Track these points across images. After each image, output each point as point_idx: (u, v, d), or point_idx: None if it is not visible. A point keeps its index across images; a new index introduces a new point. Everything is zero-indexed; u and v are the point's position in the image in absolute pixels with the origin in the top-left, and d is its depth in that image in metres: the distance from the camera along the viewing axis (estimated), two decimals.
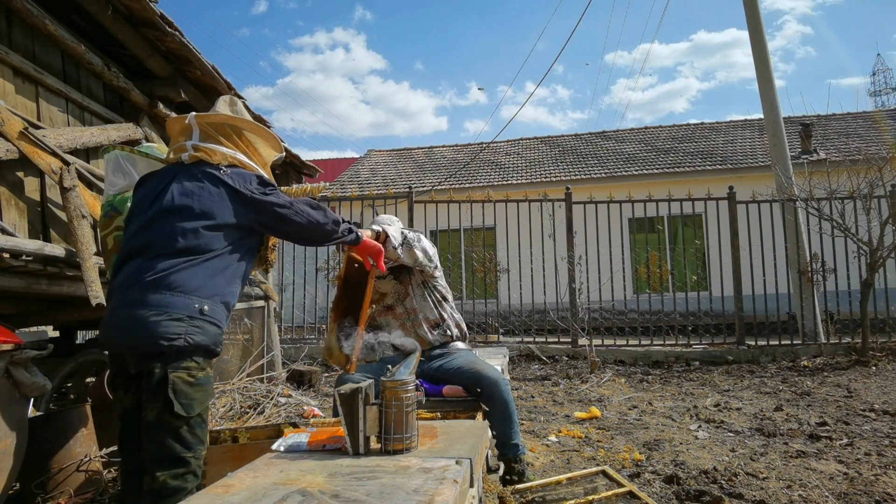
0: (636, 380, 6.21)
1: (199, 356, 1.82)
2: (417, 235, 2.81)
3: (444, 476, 1.41)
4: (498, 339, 7.81)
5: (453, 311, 2.99)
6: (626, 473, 3.02)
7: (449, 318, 2.93)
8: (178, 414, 1.73)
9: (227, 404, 4.06)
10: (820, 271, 7.73)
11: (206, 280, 1.85)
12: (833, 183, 7.35)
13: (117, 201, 2.53)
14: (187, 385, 1.76)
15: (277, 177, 6.50)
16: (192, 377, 1.78)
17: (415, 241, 2.71)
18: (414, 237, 2.75)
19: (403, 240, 2.66)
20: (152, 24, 3.68)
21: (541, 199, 8.22)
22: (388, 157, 16.30)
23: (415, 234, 2.79)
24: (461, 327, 2.99)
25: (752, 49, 8.73)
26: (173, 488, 1.71)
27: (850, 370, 6.29)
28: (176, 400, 1.72)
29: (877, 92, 35.86)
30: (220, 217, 1.91)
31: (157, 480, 1.71)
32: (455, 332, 2.92)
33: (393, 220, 3.01)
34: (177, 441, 1.74)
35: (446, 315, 2.92)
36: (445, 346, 2.87)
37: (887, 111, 15.21)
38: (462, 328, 2.99)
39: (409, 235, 2.72)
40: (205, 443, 1.82)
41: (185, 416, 1.74)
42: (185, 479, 1.74)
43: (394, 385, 1.68)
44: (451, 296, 3.06)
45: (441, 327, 2.89)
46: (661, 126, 15.60)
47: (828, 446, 3.47)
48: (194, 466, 1.77)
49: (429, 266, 2.84)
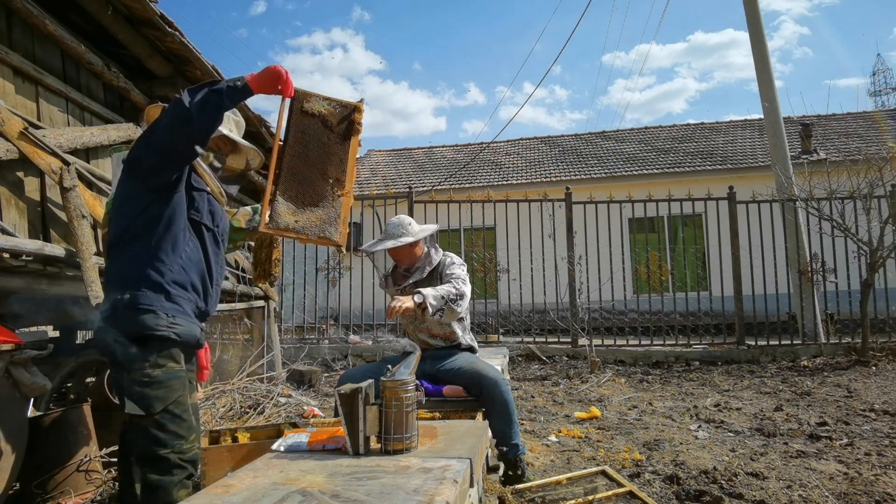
0: (636, 380, 6.21)
1: (151, 351, 1.74)
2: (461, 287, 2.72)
3: (444, 476, 1.41)
4: (498, 339, 7.81)
5: (467, 330, 3.01)
6: (626, 473, 3.02)
7: (462, 335, 2.95)
8: (139, 413, 1.70)
9: (227, 404, 4.06)
10: (820, 271, 7.72)
11: (124, 269, 1.81)
12: (833, 183, 7.35)
13: None
14: (140, 385, 1.71)
15: None
16: (147, 376, 1.72)
17: (457, 299, 2.66)
18: (456, 294, 2.66)
19: (443, 304, 2.61)
20: (152, 24, 3.68)
21: (541, 199, 8.22)
22: (388, 157, 16.30)
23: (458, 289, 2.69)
24: (472, 345, 3.01)
25: (752, 49, 8.73)
26: (157, 483, 1.71)
27: (850, 370, 6.29)
28: (130, 400, 1.70)
29: (877, 92, 35.85)
30: (122, 200, 1.87)
31: (141, 478, 1.71)
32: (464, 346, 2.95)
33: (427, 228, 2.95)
34: (147, 439, 1.72)
35: (461, 332, 2.95)
36: (447, 350, 2.88)
37: (887, 111, 15.21)
38: (473, 345, 3.02)
39: (451, 294, 2.64)
40: (184, 436, 1.77)
41: (146, 414, 1.70)
42: (169, 473, 1.73)
43: (394, 385, 1.68)
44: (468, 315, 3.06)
45: (450, 339, 2.92)
46: (661, 126, 15.60)
47: (828, 446, 3.47)
48: (175, 460, 1.74)
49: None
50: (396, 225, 2.87)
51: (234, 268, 5.47)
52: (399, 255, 2.92)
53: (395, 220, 2.89)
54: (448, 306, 2.62)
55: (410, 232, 2.87)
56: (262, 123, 5.23)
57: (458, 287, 2.71)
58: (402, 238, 2.83)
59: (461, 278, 2.80)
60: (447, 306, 2.62)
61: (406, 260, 2.92)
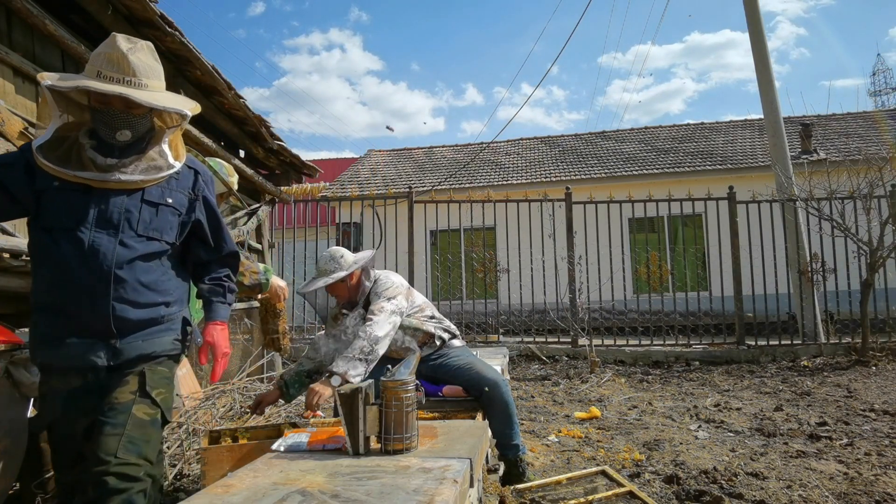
0: (636, 380, 6.21)
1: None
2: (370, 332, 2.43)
3: (444, 476, 1.41)
4: (498, 339, 7.81)
5: (438, 322, 2.86)
6: (626, 473, 3.02)
7: (435, 329, 2.80)
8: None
9: (227, 404, 4.06)
10: (820, 271, 7.73)
11: None
12: (833, 183, 7.34)
13: None
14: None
15: (277, 176, 6.50)
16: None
17: (372, 347, 2.41)
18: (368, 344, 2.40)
19: (366, 364, 2.37)
20: (152, 23, 3.68)
21: (541, 199, 8.22)
22: (388, 157, 16.30)
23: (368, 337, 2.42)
24: (449, 329, 2.88)
25: (752, 49, 8.73)
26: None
27: (850, 370, 6.29)
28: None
29: (877, 92, 35.90)
30: None
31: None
32: (445, 336, 2.83)
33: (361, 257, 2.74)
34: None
35: (431, 330, 2.78)
36: (440, 350, 2.82)
37: (887, 111, 15.20)
38: (451, 329, 2.89)
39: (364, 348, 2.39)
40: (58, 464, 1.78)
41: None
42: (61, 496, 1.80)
43: (394, 385, 1.68)
44: (430, 308, 2.89)
45: (429, 343, 2.79)
46: (661, 126, 15.59)
47: (828, 446, 3.47)
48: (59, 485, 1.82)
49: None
50: (328, 259, 2.68)
51: None
52: (336, 292, 2.74)
53: (326, 254, 2.70)
54: (369, 359, 2.38)
55: (343, 265, 2.66)
56: (262, 123, 5.24)
57: (368, 333, 2.43)
58: (334, 274, 2.63)
59: (374, 316, 2.52)
60: (369, 360, 2.38)
61: (344, 295, 2.74)
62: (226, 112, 4.97)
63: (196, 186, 1.83)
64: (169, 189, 1.75)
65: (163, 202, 1.72)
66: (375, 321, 2.50)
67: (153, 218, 1.70)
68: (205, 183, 1.87)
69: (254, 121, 5.12)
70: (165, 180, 1.74)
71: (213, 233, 1.89)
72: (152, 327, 1.71)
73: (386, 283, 2.72)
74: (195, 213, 1.82)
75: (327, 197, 10.19)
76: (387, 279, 2.76)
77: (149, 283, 1.68)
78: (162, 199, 1.72)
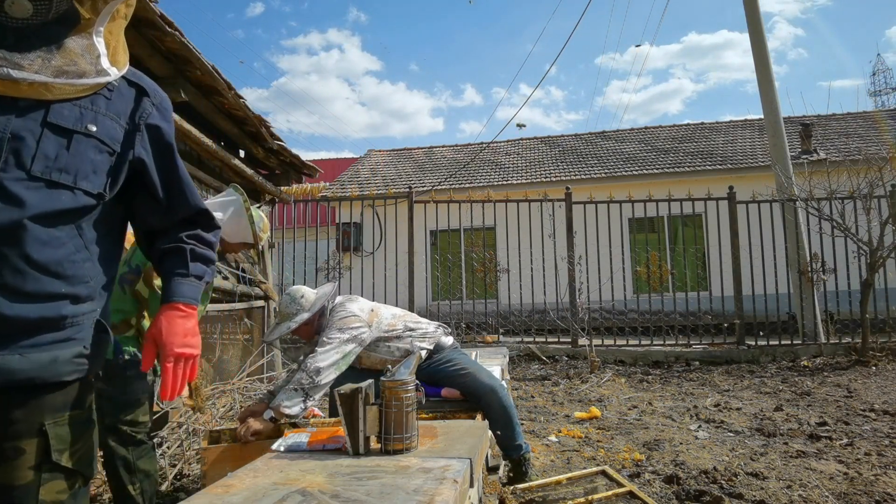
0: (636, 380, 6.21)
1: None
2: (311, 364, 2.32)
3: (444, 476, 1.41)
4: (498, 339, 7.81)
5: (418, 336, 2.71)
6: (626, 473, 3.02)
7: (419, 339, 2.70)
8: None
9: (227, 404, 4.06)
10: (820, 271, 7.73)
11: None
12: (833, 183, 7.35)
13: None
14: None
15: (277, 176, 6.50)
16: None
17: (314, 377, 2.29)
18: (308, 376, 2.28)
19: (304, 395, 2.26)
20: (152, 23, 3.68)
21: (541, 199, 8.22)
22: (388, 157, 16.30)
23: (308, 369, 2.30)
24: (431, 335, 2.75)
25: (752, 49, 8.73)
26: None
27: (850, 370, 6.29)
28: None
29: (877, 92, 35.92)
30: None
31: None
32: (430, 347, 2.71)
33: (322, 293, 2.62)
34: None
35: (413, 345, 2.67)
36: (431, 358, 2.73)
37: (887, 111, 15.20)
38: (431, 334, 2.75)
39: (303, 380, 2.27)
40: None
41: None
42: None
43: (394, 385, 1.68)
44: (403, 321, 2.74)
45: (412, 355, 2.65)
46: (661, 126, 15.60)
47: (828, 446, 3.47)
48: None
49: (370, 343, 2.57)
50: (289, 302, 2.59)
51: (235, 268, 5.47)
52: (301, 334, 2.66)
53: (287, 297, 2.61)
54: (308, 390, 2.26)
55: (304, 306, 2.57)
56: (262, 123, 5.24)
57: (310, 364, 2.32)
58: (297, 317, 2.55)
59: (320, 348, 2.40)
60: (308, 392, 2.26)
61: (307, 335, 2.65)
62: (226, 112, 4.97)
63: (139, 111, 1.15)
64: (93, 111, 1.06)
65: (80, 129, 1.04)
66: (320, 352, 2.38)
67: (61, 152, 1.01)
68: (155, 107, 1.18)
69: (254, 121, 5.12)
70: (89, 96, 1.06)
71: (165, 182, 1.21)
72: (44, 334, 1.01)
73: (341, 314, 2.55)
74: (135, 151, 1.14)
75: (327, 197, 10.20)
76: (342, 308, 2.59)
77: (46, 263, 1.00)
78: (79, 124, 1.04)
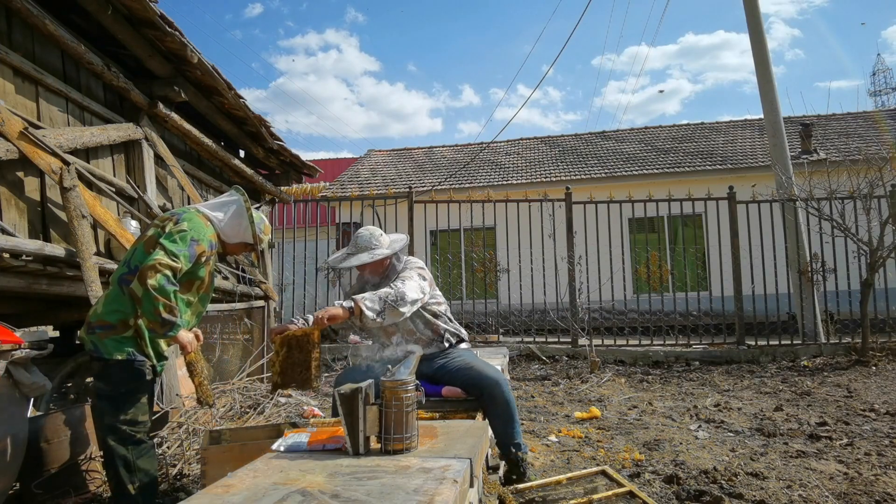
0: (636, 380, 6.21)
1: None
2: (400, 287, 2.46)
3: (444, 476, 1.41)
4: (498, 339, 7.81)
5: (448, 322, 2.85)
6: (626, 473, 3.02)
7: (444, 331, 2.80)
8: None
9: (227, 404, 4.06)
10: (820, 271, 7.73)
11: None
12: (833, 183, 7.34)
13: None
14: None
15: (277, 176, 6.49)
16: None
17: (398, 299, 2.42)
18: (395, 294, 2.43)
19: (383, 307, 2.38)
20: (152, 23, 3.68)
21: (541, 199, 8.22)
22: (388, 157, 16.29)
23: (396, 290, 2.44)
24: (459, 334, 2.88)
25: (752, 49, 8.73)
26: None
27: (850, 370, 6.29)
28: None
29: (877, 92, 35.93)
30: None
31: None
32: (453, 340, 2.83)
33: (398, 239, 2.76)
34: None
35: (442, 328, 2.79)
36: (446, 351, 2.81)
37: (887, 111, 15.19)
38: (460, 333, 2.89)
39: (390, 295, 2.41)
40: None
41: None
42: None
43: (394, 385, 1.68)
44: (445, 305, 2.89)
45: (436, 342, 2.78)
46: (661, 126, 15.59)
47: (828, 446, 3.47)
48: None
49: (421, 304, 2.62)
50: (368, 238, 2.67)
51: (235, 268, 5.47)
52: (371, 270, 2.72)
53: (367, 233, 2.70)
54: (388, 306, 2.38)
55: (383, 244, 2.68)
56: (261, 123, 5.23)
57: (397, 287, 2.47)
58: (376, 251, 2.64)
59: (404, 278, 2.57)
60: (387, 307, 2.39)
61: (377, 271, 2.73)
62: (226, 112, 4.97)
63: None
64: None
65: None
66: (406, 283, 2.51)
67: None
68: None
69: (254, 121, 5.12)
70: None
71: None
72: None
73: (418, 264, 2.74)
74: None
75: (327, 197, 10.20)
76: (417, 261, 2.78)
77: None
78: None
